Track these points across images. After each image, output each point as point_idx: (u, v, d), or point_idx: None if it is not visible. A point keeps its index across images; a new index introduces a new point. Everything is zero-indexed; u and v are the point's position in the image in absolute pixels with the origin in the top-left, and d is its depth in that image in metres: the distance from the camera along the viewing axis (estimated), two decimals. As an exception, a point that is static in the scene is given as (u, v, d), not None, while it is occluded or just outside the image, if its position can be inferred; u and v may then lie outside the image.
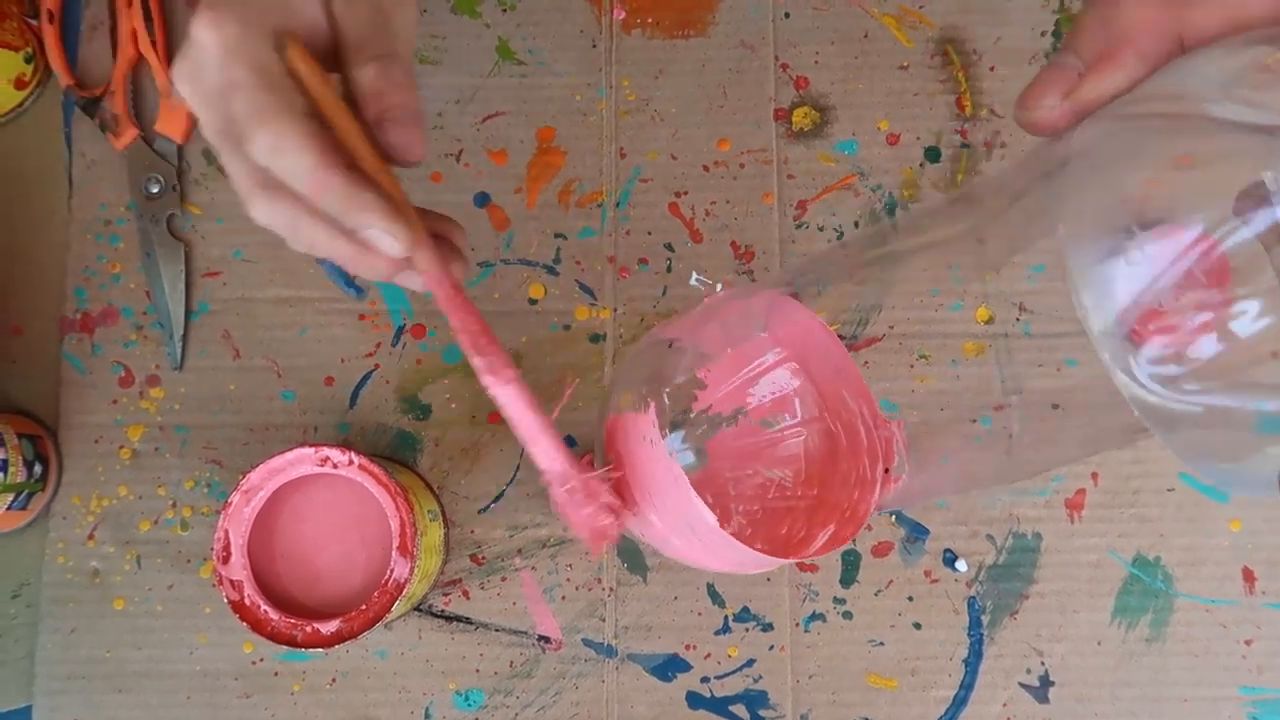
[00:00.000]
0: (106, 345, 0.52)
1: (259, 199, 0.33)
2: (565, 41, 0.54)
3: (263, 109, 0.32)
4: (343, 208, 0.32)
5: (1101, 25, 0.26)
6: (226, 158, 0.33)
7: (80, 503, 0.51)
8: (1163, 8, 0.25)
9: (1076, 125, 0.27)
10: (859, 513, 0.37)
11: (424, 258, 0.34)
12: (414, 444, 0.51)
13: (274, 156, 0.32)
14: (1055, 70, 0.27)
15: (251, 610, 0.42)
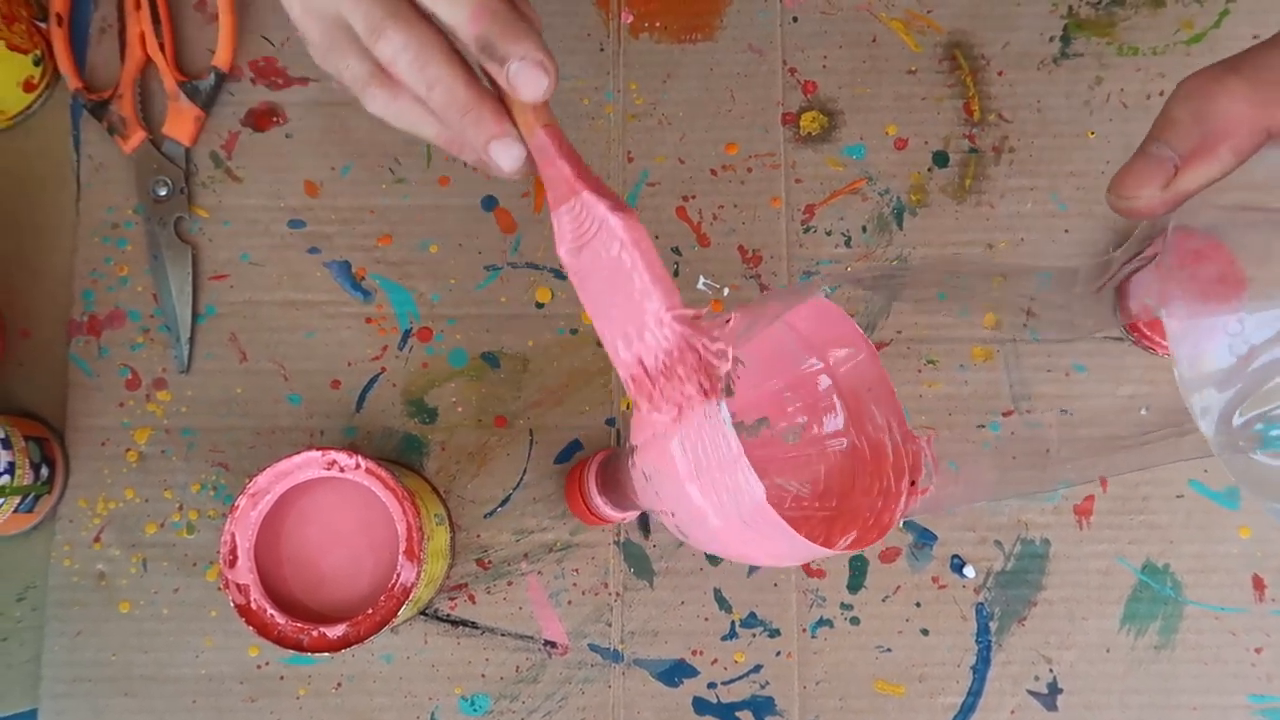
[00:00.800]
0: (113, 348, 0.52)
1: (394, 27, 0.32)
2: (572, 45, 0.54)
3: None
4: (505, 30, 0.31)
5: (1195, 120, 0.28)
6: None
7: (86, 506, 0.51)
8: (1256, 105, 0.28)
9: (1171, 212, 0.30)
10: (883, 522, 0.37)
11: (546, 109, 0.33)
12: (420, 448, 0.51)
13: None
14: (1151, 162, 0.29)
15: (258, 614, 0.42)
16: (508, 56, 0.31)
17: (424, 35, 0.32)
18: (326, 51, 0.34)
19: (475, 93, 0.33)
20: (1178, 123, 0.29)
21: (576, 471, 0.49)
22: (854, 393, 0.39)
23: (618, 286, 0.33)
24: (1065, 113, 0.54)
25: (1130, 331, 0.52)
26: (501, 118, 0.33)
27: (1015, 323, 0.53)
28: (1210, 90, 0.28)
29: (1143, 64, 0.54)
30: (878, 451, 0.38)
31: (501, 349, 0.52)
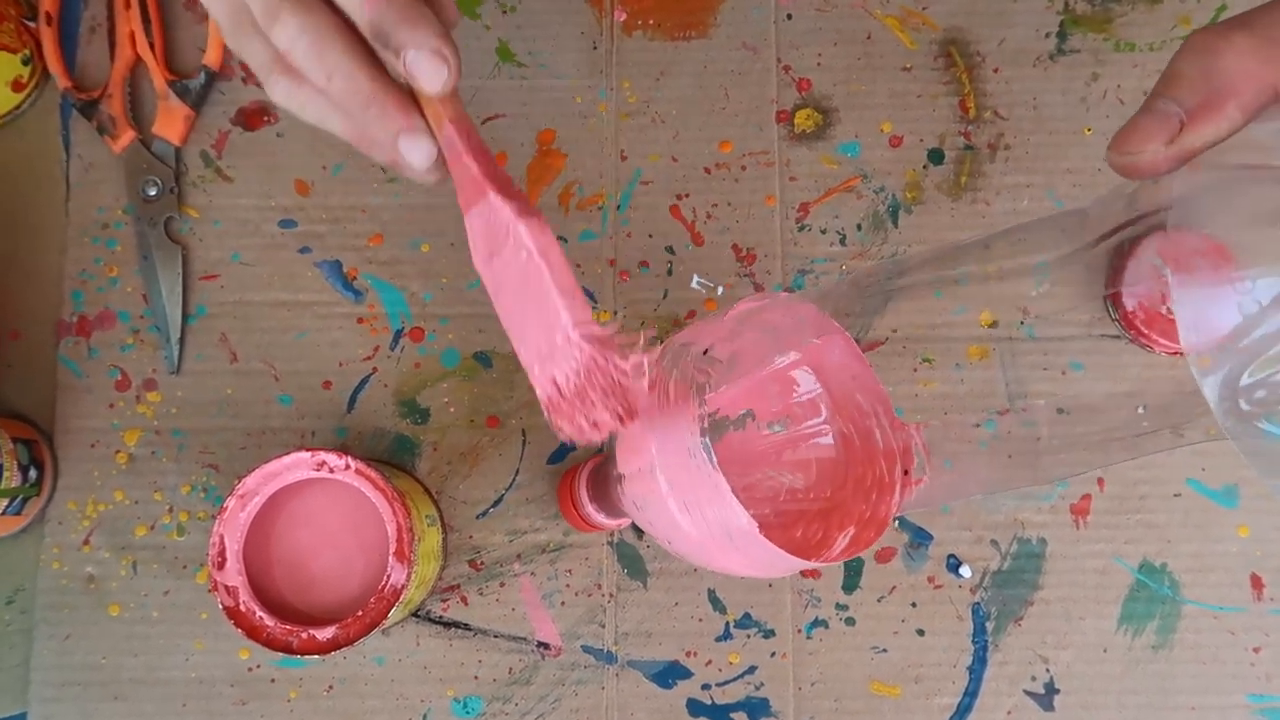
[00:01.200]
0: (103, 349, 0.51)
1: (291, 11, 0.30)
2: (566, 43, 0.54)
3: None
4: (400, 16, 0.29)
5: (1203, 75, 0.27)
6: None
7: (76, 508, 0.50)
8: (1265, 62, 0.27)
9: (1176, 170, 0.28)
10: (879, 515, 0.36)
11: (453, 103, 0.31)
12: (412, 448, 0.51)
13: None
14: (1156, 117, 0.27)
15: (247, 616, 0.42)
16: (404, 45, 0.29)
17: (321, 21, 0.30)
18: (232, 33, 0.32)
19: (379, 84, 0.31)
20: (1184, 78, 0.27)
21: (568, 479, 0.48)
22: (837, 383, 0.39)
23: (530, 298, 0.30)
24: (1061, 109, 0.53)
25: (1127, 329, 0.51)
26: (408, 110, 0.31)
27: (1012, 321, 0.52)
28: (1218, 46, 0.27)
29: (1139, 60, 0.54)
30: (867, 439, 0.38)
31: (494, 349, 0.52)
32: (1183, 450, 0.51)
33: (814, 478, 0.39)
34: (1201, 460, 0.51)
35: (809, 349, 0.39)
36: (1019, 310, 0.52)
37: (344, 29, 0.30)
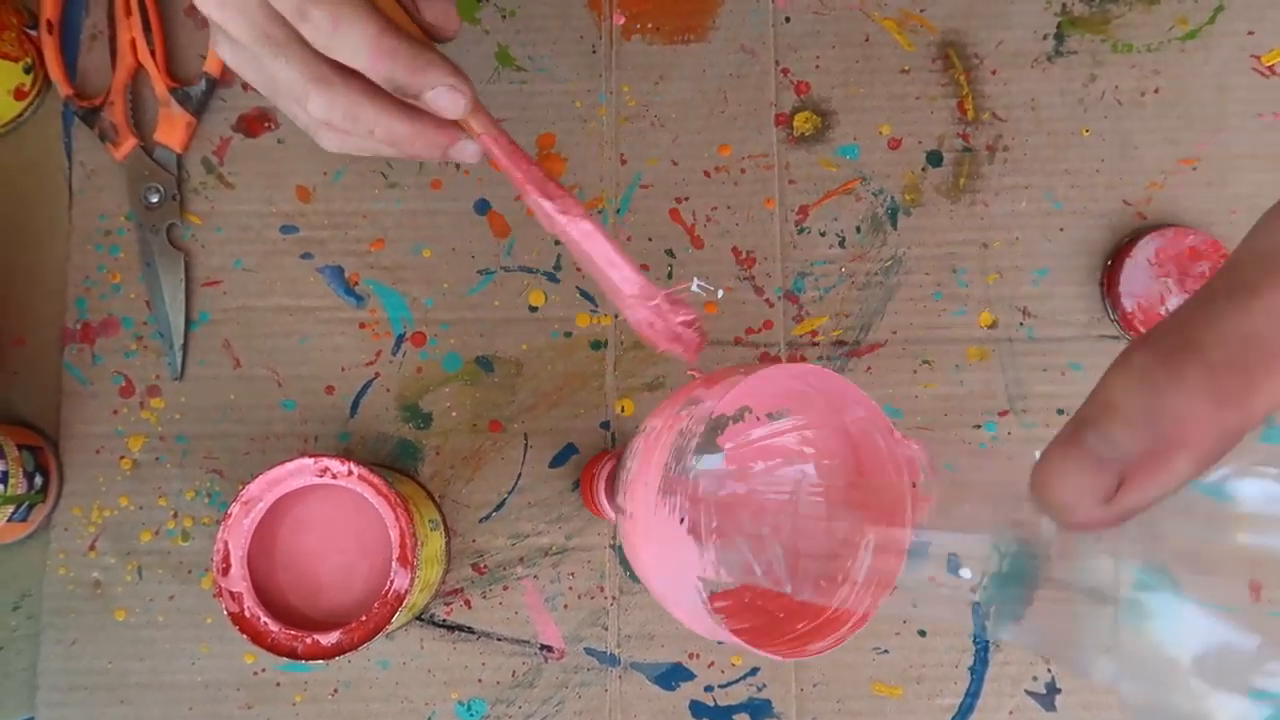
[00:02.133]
0: (107, 355, 0.52)
1: (317, 92, 0.34)
2: (565, 47, 0.54)
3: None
4: (409, 68, 0.33)
5: (1144, 414, 0.22)
6: (269, 64, 0.34)
7: (81, 514, 0.51)
8: (1221, 403, 0.22)
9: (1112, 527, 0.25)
10: (894, 534, 0.37)
11: (482, 119, 0.36)
12: (415, 453, 0.51)
13: (335, 30, 0.32)
14: (1088, 462, 0.23)
15: (251, 622, 0.42)
16: (420, 90, 0.34)
17: (347, 88, 0.34)
18: (275, 100, 0.35)
19: (414, 122, 0.35)
20: (1122, 413, 0.22)
21: (589, 471, 0.49)
22: (828, 404, 0.39)
23: (593, 266, 0.38)
24: (1059, 111, 0.53)
25: (1126, 329, 0.51)
26: (444, 129, 0.36)
27: (1011, 322, 0.52)
28: (1163, 384, 0.22)
29: (1137, 61, 0.54)
30: (872, 454, 0.38)
31: (495, 353, 0.52)
32: (1182, 450, 0.51)
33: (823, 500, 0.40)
34: (1201, 460, 0.51)
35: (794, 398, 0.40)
36: (1018, 311, 0.52)
37: (367, 87, 0.34)
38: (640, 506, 0.34)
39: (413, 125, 0.35)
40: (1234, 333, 0.22)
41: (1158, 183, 0.53)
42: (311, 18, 0.32)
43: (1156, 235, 0.51)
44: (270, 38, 0.33)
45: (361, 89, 0.34)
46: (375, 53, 0.33)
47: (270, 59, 0.34)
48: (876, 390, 0.52)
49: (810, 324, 0.52)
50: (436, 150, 0.36)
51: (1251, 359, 0.22)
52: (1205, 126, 0.53)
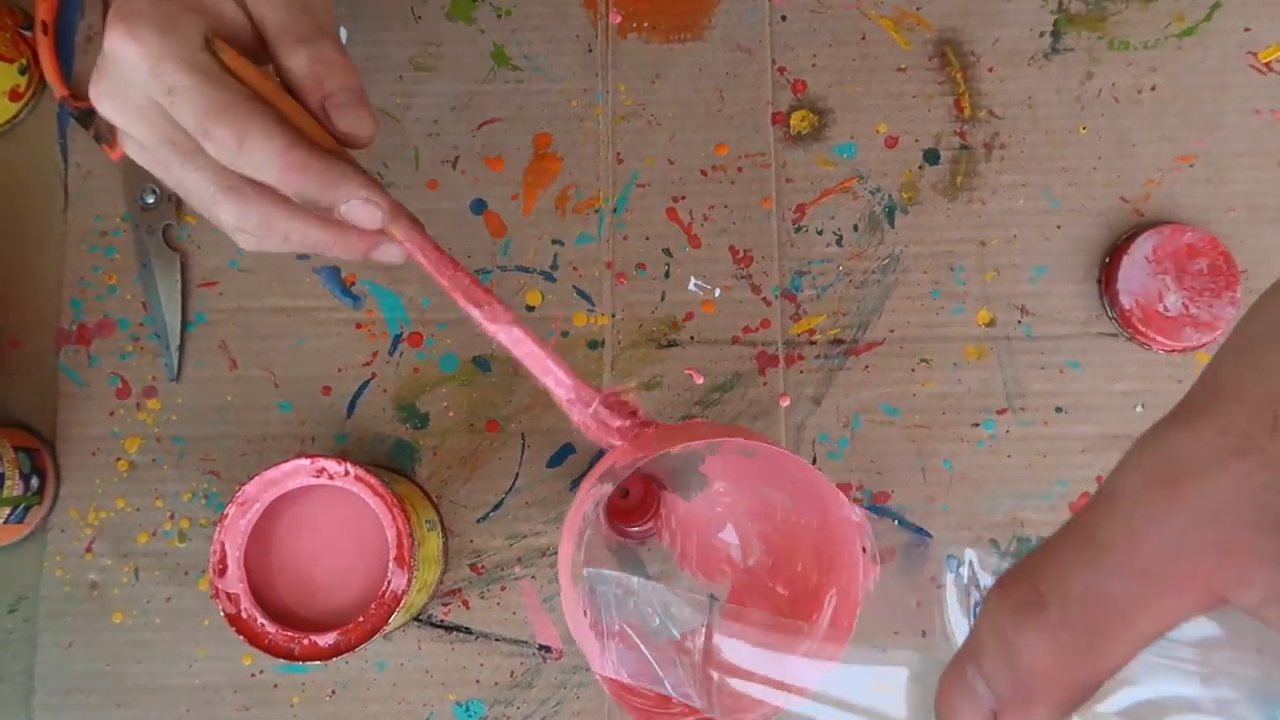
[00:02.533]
0: (103, 357, 0.51)
1: (226, 202, 0.33)
2: (561, 47, 0.54)
3: (216, 106, 0.31)
4: (320, 182, 0.32)
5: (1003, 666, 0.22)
6: (177, 171, 0.33)
7: (78, 515, 0.50)
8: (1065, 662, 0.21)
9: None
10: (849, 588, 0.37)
11: (403, 225, 0.35)
12: (412, 453, 0.51)
13: (240, 149, 0.31)
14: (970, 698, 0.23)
15: (248, 623, 0.42)
16: (333, 205, 0.33)
17: (259, 199, 0.33)
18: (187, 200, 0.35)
19: (329, 229, 0.35)
20: (986, 659, 0.22)
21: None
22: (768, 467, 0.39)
23: None
24: (1056, 108, 0.53)
25: (1124, 327, 0.51)
26: (364, 235, 0.35)
27: (1009, 320, 0.52)
28: (1012, 639, 0.22)
29: (1134, 58, 0.54)
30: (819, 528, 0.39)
31: (492, 353, 0.52)
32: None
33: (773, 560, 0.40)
34: (1200, 457, 0.51)
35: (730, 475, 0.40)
36: (1016, 309, 0.52)
37: (281, 195, 0.33)
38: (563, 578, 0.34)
39: (330, 233, 0.34)
40: (1079, 592, 0.21)
41: (1155, 180, 0.53)
42: (214, 136, 0.31)
43: (1154, 233, 0.51)
44: (176, 145, 0.32)
45: (274, 198, 0.33)
46: (284, 168, 0.32)
47: (178, 167, 0.33)
48: (875, 390, 0.52)
49: (808, 323, 0.52)
50: (357, 254, 0.36)
51: (1096, 619, 0.21)
52: (1203, 124, 0.53)
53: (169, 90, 0.31)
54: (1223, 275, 0.51)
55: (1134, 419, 0.51)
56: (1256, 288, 0.52)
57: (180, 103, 0.31)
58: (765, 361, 0.52)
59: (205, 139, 0.32)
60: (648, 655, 0.33)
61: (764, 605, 0.40)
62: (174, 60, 0.31)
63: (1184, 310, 0.50)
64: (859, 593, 0.37)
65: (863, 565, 0.36)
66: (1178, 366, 0.52)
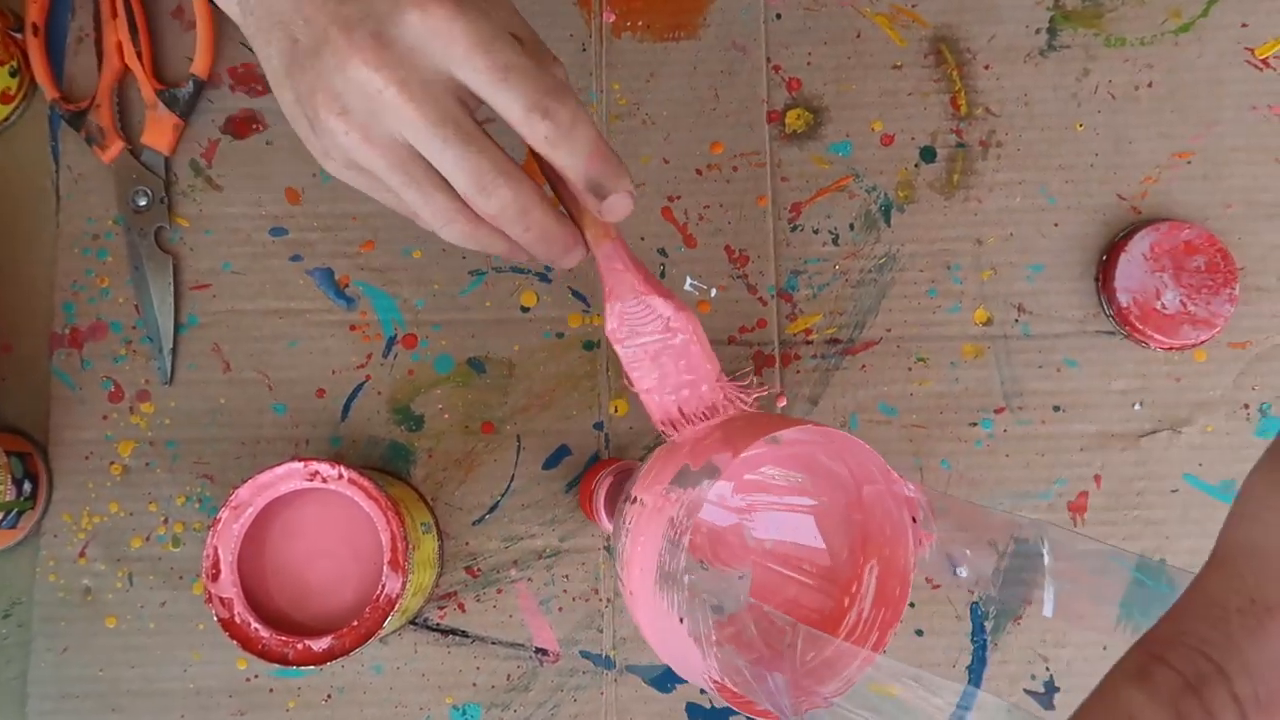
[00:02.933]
0: (96, 360, 0.51)
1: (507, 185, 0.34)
2: (554, 45, 0.53)
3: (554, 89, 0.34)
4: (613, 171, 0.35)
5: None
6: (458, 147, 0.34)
7: (71, 520, 0.50)
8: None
9: None
10: (898, 560, 0.37)
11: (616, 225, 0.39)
12: (407, 455, 0.51)
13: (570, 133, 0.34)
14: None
15: (242, 628, 0.42)
16: (611, 192, 0.35)
17: (526, 188, 0.35)
18: (401, 187, 0.35)
19: (564, 225, 0.37)
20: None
21: (587, 485, 0.48)
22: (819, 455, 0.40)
23: (666, 359, 0.39)
24: (1053, 105, 0.53)
25: (1121, 324, 0.51)
26: (579, 238, 0.38)
27: (1006, 318, 0.52)
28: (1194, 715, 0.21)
29: (1130, 54, 0.53)
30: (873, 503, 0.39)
31: (487, 354, 0.52)
32: (1180, 445, 0.51)
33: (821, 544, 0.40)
34: (1199, 455, 0.51)
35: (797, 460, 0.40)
36: (1014, 307, 0.52)
37: (538, 188, 0.36)
38: (639, 588, 0.34)
39: (561, 226, 0.37)
40: (1258, 660, 0.21)
41: (1152, 177, 0.53)
42: (554, 116, 0.33)
43: (1151, 230, 0.51)
44: (460, 126, 0.33)
45: (533, 189, 0.35)
46: (593, 154, 0.35)
47: (458, 145, 0.33)
48: (872, 389, 0.51)
49: (804, 322, 0.52)
50: (559, 253, 0.37)
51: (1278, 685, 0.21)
52: (1199, 120, 0.53)
53: (504, 67, 0.33)
54: (1220, 272, 0.50)
55: (1132, 417, 0.51)
56: (1254, 285, 0.52)
57: (516, 80, 0.33)
58: (761, 361, 0.52)
59: (544, 116, 0.33)
60: (744, 669, 0.33)
61: (790, 585, 0.40)
62: (503, 40, 0.33)
63: (1182, 308, 0.50)
64: (907, 560, 0.37)
65: (913, 534, 0.37)
66: (1176, 364, 0.52)
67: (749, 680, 0.32)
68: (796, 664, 0.34)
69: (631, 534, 0.36)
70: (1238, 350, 0.52)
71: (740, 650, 0.35)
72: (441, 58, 0.33)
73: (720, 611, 0.36)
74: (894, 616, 0.38)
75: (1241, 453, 0.51)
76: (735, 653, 0.34)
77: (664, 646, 0.35)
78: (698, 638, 0.33)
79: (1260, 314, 0.52)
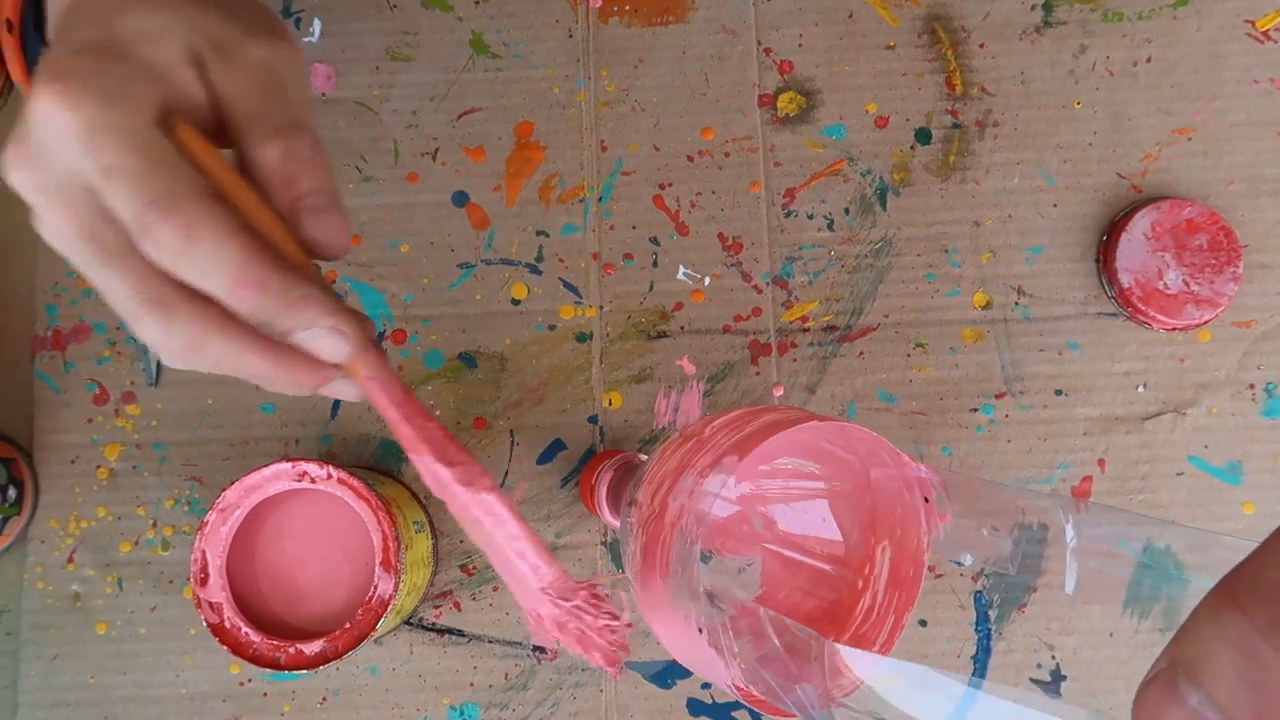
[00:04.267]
0: (80, 363, 0.50)
1: (154, 319, 0.27)
2: (541, 33, 0.53)
3: (164, 195, 0.26)
4: (280, 303, 0.27)
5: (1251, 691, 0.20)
6: (99, 269, 0.27)
7: (58, 525, 0.49)
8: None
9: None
10: (910, 541, 0.36)
11: (372, 359, 0.29)
12: (398, 453, 0.50)
13: (186, 250, 0.26)
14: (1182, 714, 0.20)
15: (232, 633, 0.41)
16: (291, 331, 0.28)
17: (190, 316, 0.27)
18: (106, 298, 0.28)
19: (274, 359, 0.28)
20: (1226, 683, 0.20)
21: (587, 480, 0.47)
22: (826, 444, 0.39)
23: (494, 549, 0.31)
24: (1050, 83, 0.52)
25: (1124, 306, 0.50)
26: (315, 368, 0.29)
27: (1006, 302, 0.51)
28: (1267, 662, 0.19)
29: (1128, 30, 0.52)
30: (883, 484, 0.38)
31: (478, 348, 0.51)
32: (1185, 427, 0.50)
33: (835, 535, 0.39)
34: (1204, 437, 0.50)
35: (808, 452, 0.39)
36: (1013, 290, 0.51)
37: (218, 313, 0.27)
38: (654, 598, 0.33)
39: (275, 363, 0.28)
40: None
41: (1152, 154, 0.52)
42: (155, 232, 0.26)
43: (1152, 208, 0.50)
44: (98, 241, 0.27)
45: (209, 316, 0.27)
46: (238, 281, 0.26)
47: (98, 266, 0.27)
48: (870, 376, 0.50)
49: (800, 309, 0.51)
50: (303, 390, 0.29)
51: None
52: (1199, 95, 0.52)
53: (105, 170, 0.26)
54: (1223, 250, 0.49)
55: (1135, 400, 0.50)
56: (1258, 262, 0.51)
57: (118, 187, 0.26)
58: (758, 350, 0.51)
59: (144, 235, 0.26)
60: (770, 681, 0.31)
61: (802, 571, 0.39)
62: (116, 133, 0.26)
63: (1184, 287, 0.49)
64: (920, 541, 0.35)
65: (925, 515, 0.35)
66: (1179, 345, 0.51)
67: (775, 689, 0.31)
68: (826, 677, 0.32)
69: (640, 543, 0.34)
70: (1242, 329, 0.51)
71: (759, 647, 0.34)
72: (65, 156, 0.26)
73: (734, 604, 0.35)
74: (909, 599, 0.37)
75: (1247, 434, 0.50)
76: (759, 665, 0.33)
77: (685, 655, 0.34)
78: (719, 648, 0.32)
79: (1264, 292, 0.51)
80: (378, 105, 0.52)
